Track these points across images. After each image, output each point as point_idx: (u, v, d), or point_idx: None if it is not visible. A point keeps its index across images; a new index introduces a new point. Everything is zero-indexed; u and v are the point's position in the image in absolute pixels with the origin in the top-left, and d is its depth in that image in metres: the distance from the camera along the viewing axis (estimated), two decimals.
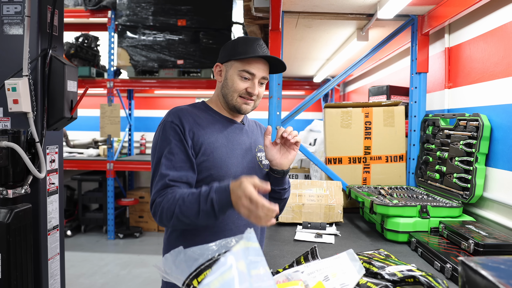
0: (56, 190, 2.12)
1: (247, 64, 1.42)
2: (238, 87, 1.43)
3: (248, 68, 1.42)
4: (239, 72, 1.43)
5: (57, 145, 2.13)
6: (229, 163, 1.43)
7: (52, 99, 2.00)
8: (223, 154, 1.42)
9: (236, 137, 1.50)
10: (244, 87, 1.43)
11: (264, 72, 1.46)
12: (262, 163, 1.54)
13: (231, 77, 1.45)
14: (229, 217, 1.43)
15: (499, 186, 1.81)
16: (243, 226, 1.45)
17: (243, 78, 1.43)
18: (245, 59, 1.42)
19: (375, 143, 2.47)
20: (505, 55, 1.78)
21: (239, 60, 1.43)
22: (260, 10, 2.44)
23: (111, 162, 5.45)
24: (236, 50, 1.43)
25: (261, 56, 1.43)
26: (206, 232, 1.42)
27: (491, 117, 1.86)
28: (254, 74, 1.43)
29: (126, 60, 5.27)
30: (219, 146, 1.43)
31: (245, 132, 1.54)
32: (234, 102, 1.46)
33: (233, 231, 1.43)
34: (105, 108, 5.47)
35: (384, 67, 3.70)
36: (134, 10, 5.22)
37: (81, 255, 4.84)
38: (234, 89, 1.44)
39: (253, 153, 1.53)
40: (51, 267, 2.08)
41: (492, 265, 0.82)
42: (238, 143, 1.49)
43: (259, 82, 1.46)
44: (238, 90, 1.43)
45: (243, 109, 1.47)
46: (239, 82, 1.43)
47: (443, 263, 1.42)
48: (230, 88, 1.45)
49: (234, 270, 0.64)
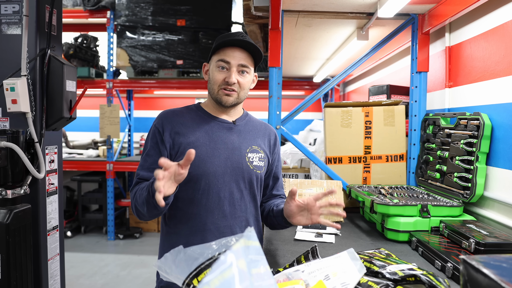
0: (55, 191, 2.11)
1: (222, 53, 1.45)
2: (217, 78, 1.45)
3: (223, 57, 1.44)
4: (217, 63, 1.45)
5: (56, 145, 2.12)
6: (209, 162, 1.43)
7: (51, 99, 2.00)
8: (202, 153, 1.43)
9: (222, 137, 1.49)
10: (222, 77, 1.45)
11: (242, 60, 1.45)
12: (252, 164, 1.51)
13: (211, 71, 1.49)
14: (208, 218, 1.44)
15: (500, 185, 1.80)
16: (224, 227, 1.46)
17: (220, 68, 1.45)
18: (220, 49, 1.45)
19: (375, 143, 2.46)
20: (506, 53, 1.77)
21: (216, 53, 1.47)
22: (260, 9, 2.43)
23: (110, 162, 5.44)
24: (215, 45, 1.47)
25: (231, 42, 1.43)
26: (186, 231, 1.45)
27: (492, 116, 1.86)
28: (229, 62, 1.44)
29: (126, 60, 5.27)
30: (199, 145, 1.44)
31: (236, 132, 1.53)
32: (216, 95, 1.48)
33: (212, 231, 1.44)
34: (104, 109, 5.46)
35: (384, 67, 3.70)
36: (133, 10, 5.21)
37: (81, 256, 4.83)
38: (214, 81, 1.46)
39: (242, 153, 1.50)
40: (51, 267, 2.07)
41: (494, 264, 0.81)
42: (224, 143, 1.48)
43: (238, 71, 1.45)
44: (217, 82, 1.45)
45: (224, 101, 1.47)
46: (217, 73, 1.45)
47: (444, 262, 1.41)
48: (212, 81, 1.48)
49: (234, 269, 0.63)
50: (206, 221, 1.43)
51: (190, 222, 1.44)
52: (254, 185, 1.53)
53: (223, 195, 1.45)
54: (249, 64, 1.47)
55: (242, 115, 1.60)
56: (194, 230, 1.43)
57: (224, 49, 1.45)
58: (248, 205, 1.52)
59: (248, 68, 1.47)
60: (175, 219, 1.47)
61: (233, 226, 1.47)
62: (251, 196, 1.52)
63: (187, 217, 1.44)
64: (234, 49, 1.45)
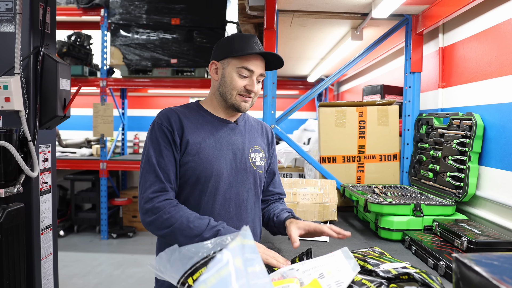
0: (49, 190, 2.10)
1: (246, 61, 1.41)
2: (237, 85, 1.42)
3: (247, 65, 1.41)
4: (238, 69, 1.41)
5: (49, 144, 2.11)
6: (216, 164, 1.41)
7: (45, 97, 1.98)
8: (209, 154, 1.41)
9: (227, 137, 1.47)
10: (243, 84, 1.42)
11: (262, 69, 1.45)
12: (255, 164, 1.51)
13: (229, 74, 1.43)
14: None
15: (492, 184, 1.82)
16: None
17: (241, 75, 1.42)
18: (243, 56, 1.41)
19: (369, 142, 2.48)
20: (498, 54, 1.79)
21: (237, 57, 1.42)
22: (255, 9, 2.44)
23: (104, 161, 5.41)
24: (233, 47, 1.42)
25: (259, 53, 1.42)
26: None
27: (484, 116, 1.88)
28: (253, 71, 1.42)
29: (119, 59, 5.24)
30: (206, 146, 1.41)
31: (239, 132, 1.52)
32: (233, 100, 1.44)
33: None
34: (98, 107, 5.43)
35: (378, 67, 3.72)
36: (127, 9, 5.19)
37: (74, 255, 4.80)
38: (233, 87, 1.42)
39: (246, 153, 1.50)
40: (44, 267, 2.06)
41: (485, 262, 0.83)
42: (229, 143, 1.47)
43: (257, 79, 1.45)
44: (237, 88, 1.42)
45: (242, 107, 1.46)
46: (237, 79, 1.42)
47: (437, 260, 1.43)
48: (229, 86, 1.43)
49: (231, 267, 0.63)
50: None
51: None
52: (258, 185, 1.53)
53: (229, 196, 1.44)
54: (264, 73, 1.48)
55: (241, 115, 1.59)
56: None
57: (247, 56, 1.41)
58: (254, 205, 1.52)
59: (264, 76, 1.48)
60: None
61: (239, 228, 1.46)
62: (256, 196, 1.52)
63: None
64: (257, 57, 1.43)
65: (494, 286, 0.73)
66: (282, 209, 1.58)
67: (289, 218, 1.48)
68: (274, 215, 1.55)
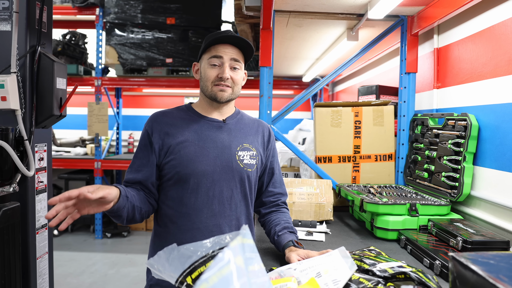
0: (44, 189, 2.09)
1: (213, 50, 1.47)
2: (209, 75, 1.47)
3: (215, 53, 1.46)
4: (208, 60, 1.47)
5: (45, 143, 2.10)
6: (197, 161, 1.44)
7: (41, 96, 1.97)
8: (190, 152, 1.44)
9: (212, 135, 1.49)
10: (215, 73, 1.46)
11: (234, 55, 1.47)
12: (243, 162, 1.51)
13: (203, 69, 1.50)
14: (197, 217, 1.45)
15: (486, 184, 1.84)
16: (213, 226, 1.46)
17: (213, 65, 1.46)
18: (211, 47, 1.47)
19: (365, 142, 2.49)
20: (493, 56, 1.81)
21: (207, 51, 1.49)
22: (251, 9, 2.44)
23: (99, 161, 5.40)
24: (205, 44, 1.48)
25: (222, 39, 1.45)
26: (176, 230, 1.46)
27: (479, 117, 1.90)
28: (222, 57, 1.46)
29: (114, 58, 5.23)
30: (188, 144, 1.45)
31: (226, 130, 1.53)
32: (210, 91, 1.48)
33: (202, 230, 1.44)
34: (92, 107, 5.41)
35: (373, 67, 3.74)
36: (123, 8, 5.17)
37: (68, 255, 4.78)
38: (207, 78, 1.47)
39: (232, 151, 1.50)
40: (40, 266, 2.05)
41: (481, 261, 0.84)
42: (213, 141, 1.48)
43: (231, 67, 1.47)
44: (210, 78, 1.47)
45: (219, 96, 1.48)
46: (209, 70, 1.47)
47: (432, 259, 1.44)
48: (204, 79, 1.49)
49: (232, 265, 0.64)
50: (195, 220, 1.44)
51: (179, 221, 1.45)
52: (245, 183, 1.52)
53: (212, 194, 1.45)
54: (240, 59, 1.50)
55: (233, 113, 1.59)
56: (183, 229, 1.44)
57: (215, 46, 1.46)
58: (239, 203, 1.52)
59: (240, 63, 1.49)
60: (166, 218, 1.48)
61: (222, 225, 1.47)
62: (242, 194, 1.53)
63: (177, 216, 1.45)
64: (225, 45, 1.47)
65: (491, 284, 0.74)
66: (284, 227, 1.54)
67: (289, 246, 1.46)
68: (275, 233, 1.53)
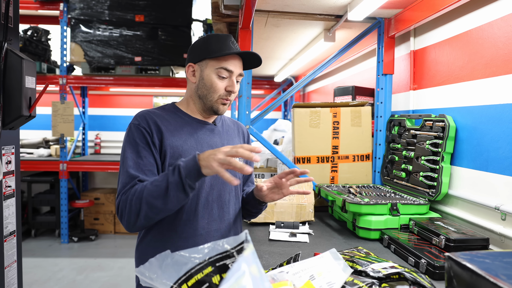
0: (12, 194, 1.97)
1: (224, 61, 1.38)
2: (218, 87, 1.39)
3: (226, 65, 1.38)
4: (217, 70, 1.38)
5: (13, 145, 1.98)
6: None
7: (9, 96, 1.85)
8: None
9: (207, 139, 1.45)
10: (223, 86, 1.39)
11: (240, 69, 1.43)
12: None
13: (208, 77, 1.39)
14: (199, 223, 1.40)
15: (463, 183, 1.90)
16: (214, 231, 1.43)
17: (221, 76, 1.38)
18: (222, 56, 1.37)
19: (343, 143, 2.52)
20: (470, 59, 1.86)
21: (215, 59, 1.38)
22: (230, 8, 2.41)
23: (64, 162, 5.18)
24: (210, 48, 1.38)
25: (239, 53, 1.39)
26: (175, 237, 1.38)
27: (456, 118, 1.95)
28: (232, 71, 1.39)
29: (80, 55, 5.04)
30: (187, 148, 1.38)
31: (217, 133, 1.50)
32: (213, 103, 1.41)
33: (203, 236, 1.40)
34: (57, 106, 5.19)
35: (347, 68, 3.78)
36: (89, 4, 5.00)
37: (32, 261, 4.56)
38: (214, 89, 1.39)
39: None
40: (8, 275, 1.93)
41: (477, 260, 0.85)
42: (209, 145, 1.44)
43: (236, 79, 1.42)
44: (219, 91, 1.39)
45: (221, 110, 1.43)
46: (217, 81, 1.39)
47: (418, 258, 1.47)
48: (209, 88, 1.40)
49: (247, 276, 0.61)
50: (197, 227, 1.39)
51: (179, 228, 1.38)
52: (238, 186, 1.52)
53: (211, 198, 1.42)
54: (243, 73, 1.46)
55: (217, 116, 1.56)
56: (185, 236, 1.38)
57: (225, 57, 1.38)
58: (235, 206, 1.51)
59: (242, 76, 1.46)
60: (162, 226, 1.39)
61: (222, 229, 1.44)
62: (236, 197, 1.51)
63: (176, 224, 1.38)
64: (235, 57, 1.40)
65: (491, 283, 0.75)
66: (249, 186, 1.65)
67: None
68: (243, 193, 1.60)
